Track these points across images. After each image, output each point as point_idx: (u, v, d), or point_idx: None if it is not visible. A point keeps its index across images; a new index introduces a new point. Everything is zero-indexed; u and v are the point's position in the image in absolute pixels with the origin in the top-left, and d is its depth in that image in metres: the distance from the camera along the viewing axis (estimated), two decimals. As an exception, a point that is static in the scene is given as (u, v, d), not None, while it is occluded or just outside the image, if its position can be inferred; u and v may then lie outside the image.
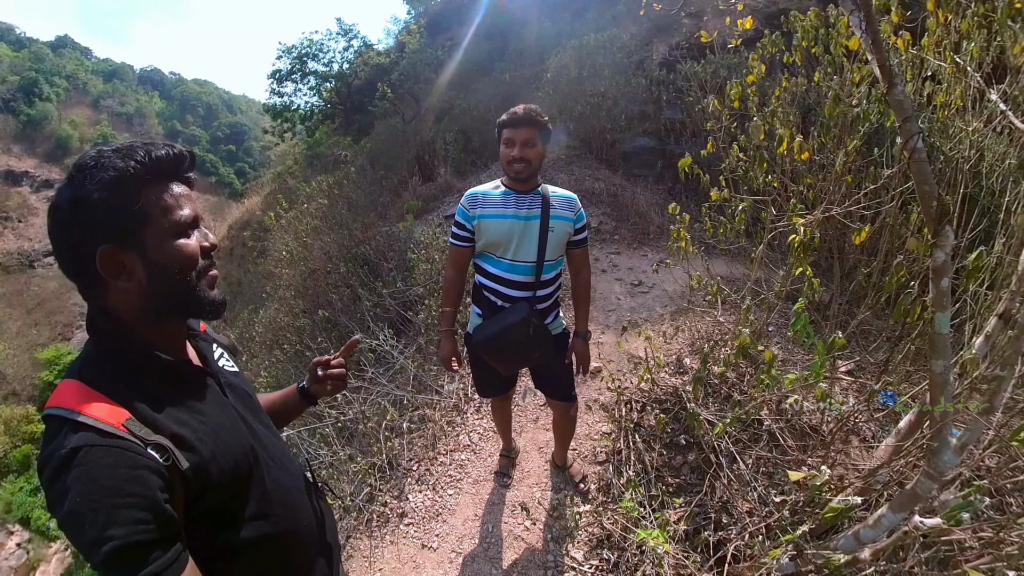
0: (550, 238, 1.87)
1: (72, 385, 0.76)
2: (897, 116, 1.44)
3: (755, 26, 2.57)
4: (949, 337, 1.48)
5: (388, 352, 3.81)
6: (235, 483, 0.86)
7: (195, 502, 0.78)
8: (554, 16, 11.86)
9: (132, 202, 0.77)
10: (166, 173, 0.82)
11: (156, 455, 0.72)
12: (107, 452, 0.69)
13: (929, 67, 2.44)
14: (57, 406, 0.73)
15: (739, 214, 2.40)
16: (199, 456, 0.79)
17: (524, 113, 1.80)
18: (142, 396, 0.78)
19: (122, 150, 0.78)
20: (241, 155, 48.69)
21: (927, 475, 1.48)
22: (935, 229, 1.44)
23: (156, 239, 0.80)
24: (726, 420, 1.92)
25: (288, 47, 15.78)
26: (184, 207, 0.84)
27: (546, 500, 2.53)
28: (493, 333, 1.89)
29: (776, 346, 2.98)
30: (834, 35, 2.53)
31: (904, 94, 1.45)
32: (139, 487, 0.69)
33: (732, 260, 4.00)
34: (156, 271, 0.80)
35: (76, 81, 42.99)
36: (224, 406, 0.93)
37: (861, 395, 2.53)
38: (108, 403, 0.74)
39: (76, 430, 0.70)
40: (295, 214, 7.18)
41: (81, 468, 0.67)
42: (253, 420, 0.99)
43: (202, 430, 0.82)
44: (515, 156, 1.81)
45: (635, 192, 6.09)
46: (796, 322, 1.47)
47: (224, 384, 0.97)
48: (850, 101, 2.53)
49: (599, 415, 2.98)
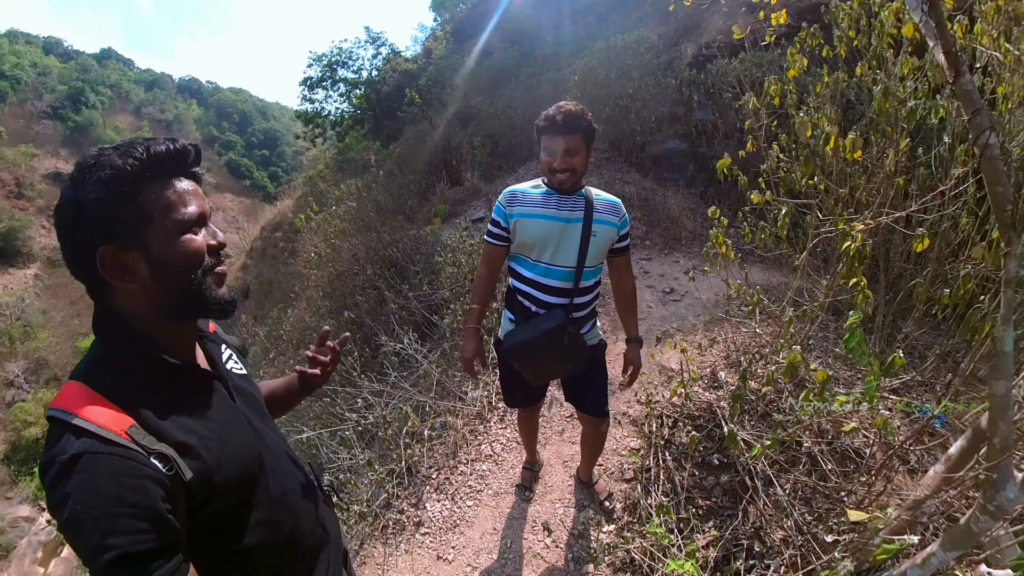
0: (592, 243, 1.74)
1: (77, 387, 0.75)
2: (965, 109, 1.30)
3: (788, 20, 2.43)
4: (1013, 356, 1.33)
5: (412, 356, 3.76)
6: (241, 490, 0.85)
7: (198, 509, 0.78)
8: (579, 19, 11.79)
9: (131, 200, 0.75)
10: (169, 169, 0.80)
11: (159, 464, 0.71)
12: (109, 460, 0.68)
13: (981, 58, 2.26)
14: (61, 408, 0.72)
15: (781, 219, 2.25)
16: (204, 464, 0.78)
17: (564, 119, 1.62)
18: (148, 401, 0.77)
19: (122, 147, 0.76)
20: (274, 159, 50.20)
21: (984, 511, 1.32)
22: (1008, 236, 1.29)
23: (159, 237, 0.78)
24: (765, 442, 1.78)
25: (319, 55, 16.07)
26: (189, 204, 0.81)
27: (569, 517, 2.42)
28: (525, 340, 1.77)
29: (817, 361, 2.80)
30: (878, 25, 2.36)
31: (972, 83, 1.30)
32: (140, 497, 0.68)
33: (768, 267, 3.82)
34: (160, 270, 0.78)
35: (119, 90, 45.35)
36: (232, 410, 0.91)
37: (907, 417, 2.35)
38: (112, 409, 0.73)
39: (78, 435, 0.69)
40: (325, 216, 7.29)
41: (83, 475, 0.67)
42: (260, 424, 0.98)
43: (208, 437, 0.81)
44: (558, 167, 1.66)
45: (666, 196, 5.93)
46: (850, 338, 1.33)
47: (232, 387, 0.95)
48: (898, 95, 2.35)
49: (628, 429, 2.85)
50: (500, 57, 12.92)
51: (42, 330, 24.09)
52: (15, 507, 16.81)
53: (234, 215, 35.92)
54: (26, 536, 15.58)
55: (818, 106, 2.46)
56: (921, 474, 2.09)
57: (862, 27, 2.47)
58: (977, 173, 2.06)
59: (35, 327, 24.02)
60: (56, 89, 39.74)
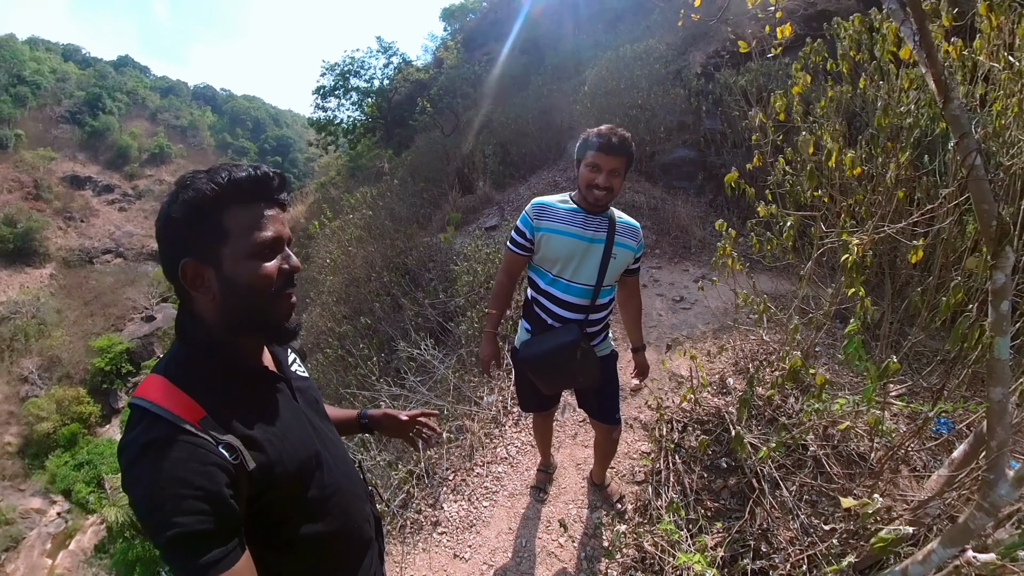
0: (611, 264, 1.81)
1: (158, 380, 0.82)
2: (954, 132, 1.39)
3: (794, 31, 2.52)
4: (1009, 363, 1.40)
5: (428, 361, 3.87)
6: (298, 484, 0.90)
7: (257, 499, 0.83)
8: (588, 28, 11.88)
9: (210, 221, 0.82)
10: (251, 194, 0.85)
11: (226, 453, 0.77)
12: (182, 446, 0.74)
13: (982, 69, 2.32)
14: (142, 397, 0.79)
15: (787, 230, 2.33)
16: (266, 457, 0.84)
17: (620, 141, 1.68)
18: (219, 397, 0.83)
19: (211, 172, 0.83)
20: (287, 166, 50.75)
21: (981, 509, 1.39)
22: (995, 250, 1.37)
23: (231, 257, 0.83)
24: (771, 445, 1.86)
25: (331, 64, 16.30)
26: (266, 228, 0.85)
27: (582, 518, 2.51)
28: (540, 352, 1.85)
29: (823, 367, 2.87)
30: (879, 40, 2.44)
31: (961, 109, 1.39)
32: (206, 481, 0.73)
33: (776, 276, 3.89)
34: (229, 288, 0.84)
35: (136, 96, 46.21)
36: (294, 410, 0.97)
37: (913, 422, 2.41)
38: (188, 400, 0.79)
39: (156, 422, 0.76)
40: (339, 223, 7.42)
41: (156, 458, 0.73)
42: (320, 424, 1.04)
43: (272, 433, 0.87)
44: (600, 184, 1.70)
45: (675, 205, 6.00)
46: (848, 345, 1.42)
47: (295, 389, 1.01)
48: (899, 109, 2.43)
49: (639, 433, 2.93)
50: (511, 66, 13.06)
51: (56, 328, 24.51)
52: (27, 499, 17.21)
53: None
54: (36, 528, 15.96)
55: (822, 120, 2.54)
56: (926, 477, 2.16)
57: (864, 42, 2.55)
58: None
59: (49, 325, 24.46)
60: (74, 95, 40.63)
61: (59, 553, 15.27)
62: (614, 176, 1.72)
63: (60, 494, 17.29)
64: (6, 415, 20.28)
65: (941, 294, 2.53)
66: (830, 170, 2.46)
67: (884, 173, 2.49)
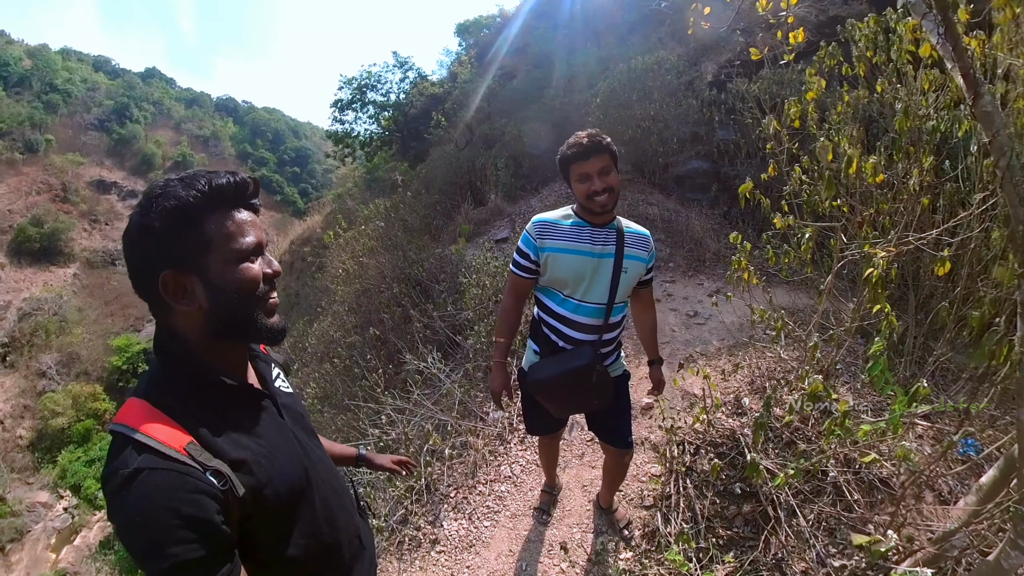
0: (622, 279, 1.70)
1: (139, 404, 0.80)
2: (986, 131, 1.29)
3: (807, 38, 2.42)
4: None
5: (435, 375, 3.80)
6: (288, 503, 0.89)
7: (248, 519, 0.82)
8: (599, 41, 11.89)
9: (193, 229, 0.80)
10: (229, 201, 0.84)
11: (214, 480, 0.76)
12: (167, 475, 0.73)
13: (1002, 66, 2.20)
14: (123, 424, 0.77)
15: (805, 242, 2.22)
16: (256, 480, 0.83)
17: (590, 141, 1.62)
18: (205, 419, 0.81)
19: (186, 179, 0.81)
20: (304, 176, 51.72)
21: (1015, 547, 1.26)
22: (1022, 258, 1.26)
23: (218, 264, 0.82)
24: (789, 471, 1.74)
25: (349, 79, 16.57)
26: (247, 234, 0.85)
27: (586, 542, 2.39)
28: (551, 375, 1.73)
29: (845, 387, 2.72)
30: (896, 40, 2.33)
31: (993, 105, 1.29)
32: (195, 510, 0.72)
33: (794, 290, 3.75)
34: (217, 295, 0.82)
35: (161, 106, 47.96)
36: (281, 427, 0.96)
37: (938, 444, 2.26)
38: (172, 426, 0.77)
39: (140, 451, 0.74)
40: (353, 234, 7.44)
41: (142, 488, 0.71)
42: (306, 440, 1.02)
43: (260, 453, 0.86)
44: (597, 188, 1.61)
45: (689, 217, 5.89)
46: (873, 367, 1.31)
47: (281, 405, 0.99)
48: (919, 112, 2.31)
49: (649, 455, 2.81)
50: (523, 79, 13.11)
51: (76, 326, 25.10)
52: (35, 492, 17.46)
53: (264, 228, 37.45)
54: (42, 522, 16.16)
55: (839, 126, 2.44)
56: (953, 504, 2.01)
57: (879, 43, 2.44)
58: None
59: (70, 323, 25.09)
60: (103, 103, 42.31)
61: (63, 548, 15.45)
62: (606, 174, 1.63)
63: (69, 489, 17.55)
64: (21, 408, 20.71)
65: (968, 307, 2.39)
66: (849, 178, 2.34)
67: (906, 180, 2.37)
